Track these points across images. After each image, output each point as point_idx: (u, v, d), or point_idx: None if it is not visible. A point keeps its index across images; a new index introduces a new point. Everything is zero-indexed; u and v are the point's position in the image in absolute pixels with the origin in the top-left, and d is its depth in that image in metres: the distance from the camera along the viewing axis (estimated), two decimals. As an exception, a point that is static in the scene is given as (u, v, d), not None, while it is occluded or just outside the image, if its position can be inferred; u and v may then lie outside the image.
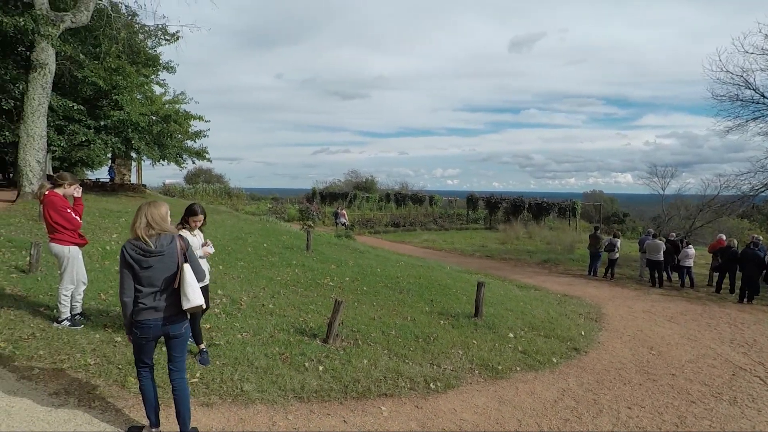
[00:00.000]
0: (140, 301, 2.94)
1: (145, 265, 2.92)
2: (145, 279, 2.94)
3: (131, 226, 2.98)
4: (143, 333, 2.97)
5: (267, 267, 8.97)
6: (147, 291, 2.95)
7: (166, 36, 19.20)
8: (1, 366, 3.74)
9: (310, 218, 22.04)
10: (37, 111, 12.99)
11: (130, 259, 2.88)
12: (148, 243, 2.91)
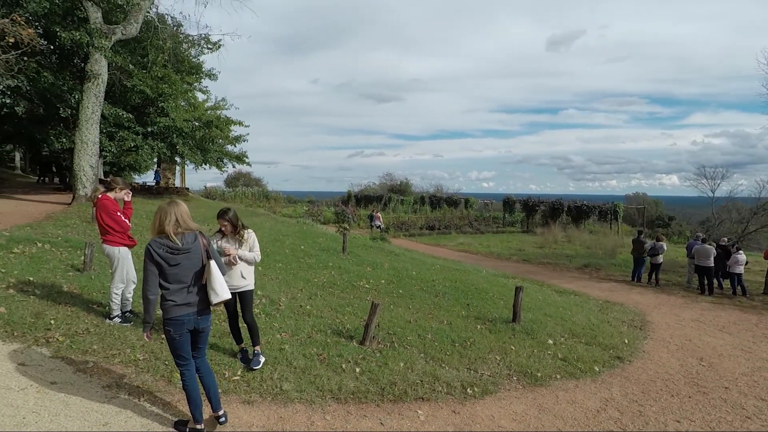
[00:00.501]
0: (170, 298, 3.03)
1: (173, 263, 3.01)
2: (173, 276, 3.02)
3: (156, 225, 3.03)
4: (177, 329, 3.08)
5: (304, 269, 9.12)
6: (175, 288, 3.03)
7: (209, 45, 19.95)
8: (59, 359, 3.97)
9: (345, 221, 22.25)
10: (90, 119, 13.76)
11: (158, 257, 2.96)
12: (175, 241, 3.01)
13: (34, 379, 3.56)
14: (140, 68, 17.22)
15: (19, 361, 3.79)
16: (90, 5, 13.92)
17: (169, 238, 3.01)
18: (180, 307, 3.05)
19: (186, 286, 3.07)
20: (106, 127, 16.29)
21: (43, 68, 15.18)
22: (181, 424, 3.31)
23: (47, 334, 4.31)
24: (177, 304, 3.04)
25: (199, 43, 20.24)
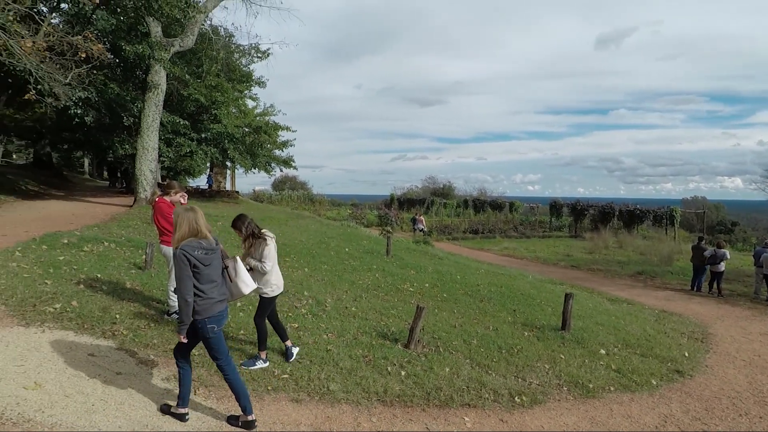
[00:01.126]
0: (209, 296, 3.15)
1: (207, 263, 3.15)
2: (206, 276, 3.15)
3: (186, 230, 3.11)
4: (220, 324, 3.25)
5: (349, 271, 9.24)
6: (209, 287, 3.17)
7: (258, 54, 20.68)
8: (123, 351, 4.24)
9: (388, 224, 22.35)
10: (151, 126, 14.61)
11: (195, 259, 3.07)
12: (212, 241, 3.21)
13: (102, 369, 3.81)
14: (195, 78, 18.11)
15: (89, 352, 4.07)
16: (151, 20, 14.80)
17: (205, 239, 3.17)
18: (220, 303, 3.23)
19: (217, 284, 3.25)
20: (164, 133, 17.23)
21: (110, 80, 16.32)
22: (233, 418, 3.44)
23: (113, 327, 4.61)
24: (217, 300, 3.20)
25: (249, 53, 21.04)
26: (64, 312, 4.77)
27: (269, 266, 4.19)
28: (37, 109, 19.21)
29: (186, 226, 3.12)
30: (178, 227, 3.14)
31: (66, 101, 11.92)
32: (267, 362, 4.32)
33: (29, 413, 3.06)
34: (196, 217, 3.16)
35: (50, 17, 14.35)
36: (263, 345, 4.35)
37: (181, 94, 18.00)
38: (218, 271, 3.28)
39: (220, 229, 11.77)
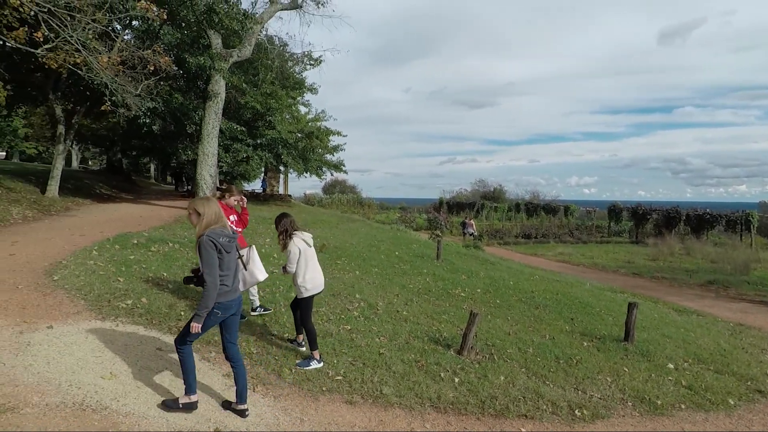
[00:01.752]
0: (225, 283, 3.23)
1: (228, 250, 3.23)
2: (225, 264, 3.23)
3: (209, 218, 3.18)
4: (225, 312, 3.30)
5: (399, 274, 9.24)
6: (226, 274, 3.25)
7: (311, 61, 21.22)
8: (188, 347, 4.45)
9: (438, 228, 22.18)
10: (211, 133, 15.36)
11: (221, 246, 3.15)
12: (231, 229, 3.30)
13: (169, 363, 4.02)
14: (252, 86, 18.87)
15: (157, 346, 4.31)
16: (212, 33, 15.59)
17: (226, 227, 3.26)
18: (232, 292, 3.31)
19: (233, 272, 3.34)
20: (223, 140, 18.07)
21: (174, 91, 17.34)
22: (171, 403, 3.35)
23: (178, 323, 4.86)
24: (229, 289, 3.28)
25: (302, 60, 21.64)
26: (135, 308, 5.09)
27: (290, 268, 4.35)
28: (110, 119, 20.74)
29: (212, 214, 3.22)
30: (204, 215, 3.20)
31: (136, 111, 12.76)
32: (321, 362, 4.39)
33: (106, 401, 3.28)
34: (214, 207, 3.28)
35: (123, 34, 15.48)
36: (314, 345, 4.40)
37: (239, 102, 18.81)
38: (234, 262, 3.39)
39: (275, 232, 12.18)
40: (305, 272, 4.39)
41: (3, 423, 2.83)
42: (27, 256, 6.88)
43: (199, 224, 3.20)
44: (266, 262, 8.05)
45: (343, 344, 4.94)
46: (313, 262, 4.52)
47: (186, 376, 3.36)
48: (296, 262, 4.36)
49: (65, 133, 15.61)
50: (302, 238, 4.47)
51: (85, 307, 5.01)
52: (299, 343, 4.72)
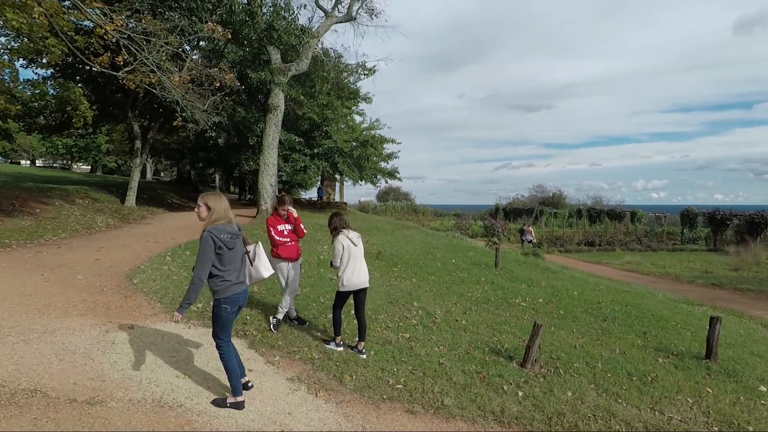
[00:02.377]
0: (228, 278, 3.32)
1: (231, 246, 3.32)
2: (228, 259, 3.32)
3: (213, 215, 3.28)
4: (233, 306, 3.39)
5: (456, 282, 9.10)
6: (229, 269, 3.33)
7: (365, 71, 21.60)
8: (253, 350, 4.62)
9: (494, 235, 21.66)
10: (271, 144, 16.01)
11: (221, 242, 3.22)
12: (234, 227, 3.38)
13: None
14: (308, 98, 19.49)
15: (226, 350, 4.51)
16: (272, 49, 16.30)
17: (231, 223, 3.36)
18: (236, 285, 3.39)
19: (236, 268, 3.42)
20: (282, 150, 18.77)
21: (237, 105, 18.27)
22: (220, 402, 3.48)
23: (244, 327, 5.06)
24: (234, 283, 3.37)
25: (356, 71, 22.09)
26: (205, 311, 5.37)
27: (335, 262, 4.70)
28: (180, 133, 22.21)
29: (221, 210, 3.34)
30: (213, 211, 3.32)
31: (204, 125, 13.56)
32: (340, 347, 4.78)
33: (181, 399, 3.47)
34: (223, 204, 3.37)
35: (192, 54, 16.56)
36: (337, 331, 4.81)
37: (296, 113, 19.48)
38: (239, 256, 3.46)
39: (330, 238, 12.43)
40: (346, 268, 4.67)
41: (93, 414, 3.07)
42: (110, 261, 7.48)
43: (207, 219, 3.32)
44: (324, 268, 8.24)
45: (402, 353, 4.92)
46: (355, 260, 4.72)
47: (230, 378, 3.46)
48: (340, 257, 4.66)
49: (141, 148, 16.90)
50: (348, 236, 4.72)
51: (162, 309, 5.36)
52: (360, 351, 4.78)
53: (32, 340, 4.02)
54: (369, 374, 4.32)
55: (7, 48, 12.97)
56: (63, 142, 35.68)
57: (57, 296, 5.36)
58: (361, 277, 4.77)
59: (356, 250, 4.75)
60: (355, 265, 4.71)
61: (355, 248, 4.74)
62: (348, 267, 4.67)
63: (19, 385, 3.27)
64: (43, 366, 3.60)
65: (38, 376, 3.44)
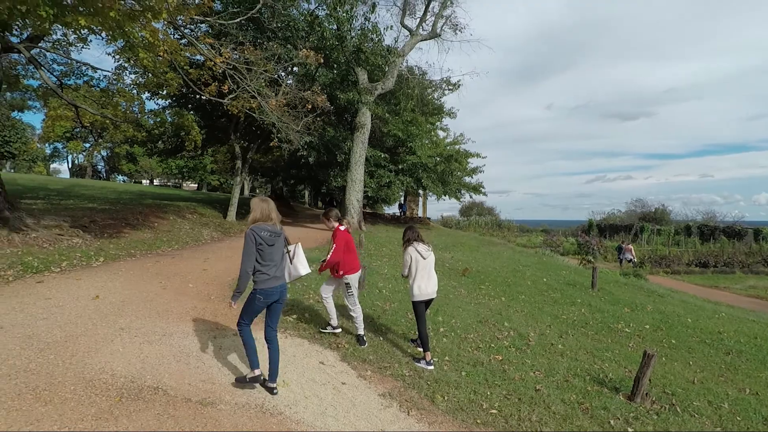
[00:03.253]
0: (266, 272, 3.69)
1: (271, 243, 3.70)
2: (268, 255, 3.69)
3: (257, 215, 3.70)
4: (267, 298, 3.75)
5: (549, 303, 8.61)
6: (268, 265, 3.70)
7: (449, 86, 21.60)
8: (345, 363, 4.72)
9: (589, 253, 20.23)
10: (358, 161, 16.55)
11: (260, 239, 3.63)
12: (278, 226, 3.79)
13: (330, 377, 4.30)
14: (393, 115, 19.91)
15: (320, 360, 4.66)
16: (359, 70, 16.97)
17: (273, 223, 3.75)
18: (273, 280, 3.74)
19: (276, 264, 3.77)
20: (368, 167, 19.31)
21: (326, 125, 19.18)
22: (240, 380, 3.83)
23: (336, 340, 5.20)
24: (270, 277, 3.72)
25: (440, 86, 22.20)
26: (300, 322, 5.61)
27: (403, 271, 4.92)
28: (275, 153, 23.78)
29: (259, 211, 3.74)
30: (252, 212, 3.75)
31: (297, 145, 14.39)
32: (431, 365, 4.76)
33: (281, 407, 3.63)
34: (269, 207, 3.77)
35: (286, 79, 17.76)
36: (425, 347, 4.82)
37: (382, 130, 19.97)
38: (279, 254, 3.81)
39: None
40: (414, 279, 4.83)
41: (206, 415, 3.31)
42: (216, 271, 8.14)
43: (250, 219, 3.76)
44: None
45: (495, 375, 4.72)
46: (424, 271, 4.84)
47: (247, 354, 3.84)
48: (408, 267, 4.87)
49: (241, 167, 18.35)
50: (416, 249, 4.87)
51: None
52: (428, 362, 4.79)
53: (154, 341, 4.47)
54: (461, 396, 4.20)
55: (136, 83, 14.92)
56: (176, 164, 40.07)
57: (173, 302, 5.94)
58: (431, 287, 4.87)
59: (425, 262, 4.87)
60: (423, 275, 4.84)
61: (424, 260, 4.86)
62: (417, 278, 4.82)
63: (144, 382, 3.64)
64: (164, 366, 3.97)
65: (159, 375, 3.81)
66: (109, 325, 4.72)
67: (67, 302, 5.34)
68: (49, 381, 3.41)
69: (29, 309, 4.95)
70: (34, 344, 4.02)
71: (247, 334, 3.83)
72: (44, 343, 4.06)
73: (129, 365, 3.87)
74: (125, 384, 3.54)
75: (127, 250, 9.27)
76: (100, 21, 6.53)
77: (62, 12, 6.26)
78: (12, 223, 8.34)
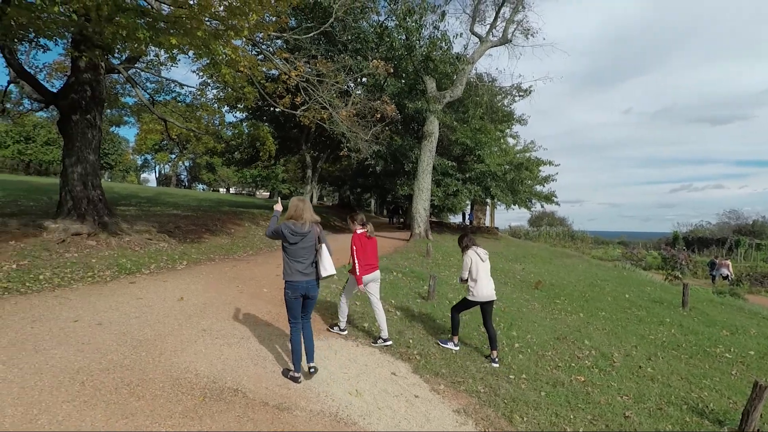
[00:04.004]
0: (291, 268, 4.00)
1: (293, 241, 3.98)
2: (292, 252, 4.00)
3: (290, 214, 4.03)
4: (293, 292, 4.01)
5: (634, 322, 7.94)
6: (293, 260, 4.01)
7: (520, 92, 20.95)
8: (417, 375, 4.61)
9: (676, 268, 18.55)
10: (425, 170, 16.45)
11: (283, 234, 3.98)
12: (299, 226, 3.99)
13: (403, 389, 4.21)
14: (461, 123, 19.63)
15: (392, 371, 4.59)
16: (428, 78, 16.93)
17: (300, 224, 4.00)
18: (297, 274, 4.00)
19: (302, 260, 4.03)
20: (435, 176, 19.16)
21: (394, 134, 19.33)
22: (285, 372, 4.12)
23: (407, 351, 5.11)
24: (293, 271, 4.00)
25: (510, 92, 21.58)
26: (371, 331, 5.59)
27: (464, 275, 5.14)
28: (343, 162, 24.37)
29: (293, 210, 4.06)
30: (288, 209, 4.12)
31: (365, 154, 14.60)
32: (457, 347, 5.29)
33: (354, 417, 3.59)
34: (303, 207, 4.06)
35: (356, 90, 18.16)
36: (455, 331, 5.34)
37: (449, 138, 19.76)
38: (304, 252, 4.05)
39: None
40: (475, 280, 5.08)
41: (282, 420, 3.35)
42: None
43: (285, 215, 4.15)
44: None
45: (578, 398, 4.39)
46: (483, 274, 5.09)
47: (292, 353, 4.13)
48: (468, 270, 5.11)
49: (311, 176, 18.96)
50: (476, 252, 5.15)
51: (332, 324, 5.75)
52: (493, 359, 5.05)
53: (233, 344, 4.65)
54: (542, 417, 3.93)
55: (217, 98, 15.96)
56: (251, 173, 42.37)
57: (249, 306, 6.17)
58: (490, 290, 5.11)
59: (484, 266, 5.12)
60: (482, 278, 5.07)
61: (483, 263, 5.12)
62: (476, 280, 5.07)
63: (225, 383, 3.78)
64: (242, 368, 4.10)
65: (239, 377, 3.93)
66: (193, 326, 4.99)
67: (155, 302, 5.72)
68: (142, 377, 3.63)
69: (123, 308, 5.36)
70: (128, 341, 4.33)
71: (293, 334, 4.13)
72: (137, 341, 4.36)
73: (211, 366, 4.04)
74: (208, 384, 3.69)
75: (207, 255, 9.84)
76: (188, 40, 7.03)
77: (156, 34, 6.83)
78: (110, 228, 9.17)
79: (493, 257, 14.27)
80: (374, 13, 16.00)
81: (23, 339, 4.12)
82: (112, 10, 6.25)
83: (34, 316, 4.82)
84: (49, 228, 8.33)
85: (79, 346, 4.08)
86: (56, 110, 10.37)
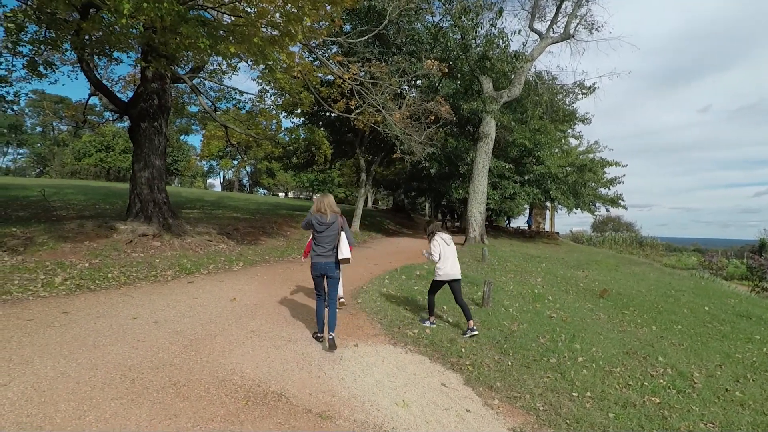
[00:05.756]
0: (315, 250, 4.84)
1: (319, 230, 4.82)
2: (319, 239, 4.82)
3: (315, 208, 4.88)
4: (315, 271, 4.83)
5: (716, 338, 7.12)
6: (318, 246, 4.83)
7: (583, 90, 19.85)
8: (469, 387, 4.32)
9: (764, 278, 16.68)
10: (481, 172, 15.96)
11: (312, 223, 4.85)
12: (326, 216, 4.81)
13: (454, 402, 3.95)
14: (519, 123, 18.89)
15: (442, 381, 4.34)
16: (484, 78, 16.45)
17: (323, 215, 4.81)
18: (318, 257, 4.82)
19: (324, 245, 4.82)
20: (491, 178, 18.57)
21: (448, 136, 18.96)
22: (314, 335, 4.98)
23: (459, 360, 4.83)
24: (317, 254, 4.83)
25: (573, 91, 20.51)
26: (420, 338, 5.37)
27: (435, 257, 5.75)
28: (397, 165, 24.28)
29: (316, 205, 4.89)
30: (313, 204, 4.93)
31: (419, 157, 14.42)
32: (434, 324, 5.89)
33: (400, 429, 3.39)
34: (328, 201, 4.89)
35: (410, 92, 18.02)
36: (431, 312, 5.99)
37: (507, 140, 19.08)
38: (329, 240, 4.83)
39: (545, 271, 11.43)
40: (441, 262, 5.76)
41: (325, 428, 3.22)
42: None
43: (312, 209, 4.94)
44: (541, 304, 7.52)
45: (653, 422, 3.91)
46: (448, 255, 5.80)
47: (317, 321, 4.95)
48: (438, 253, 5.74)
49: (365, 179, 19.01)
50: (442, 237, 5.86)
51: (381, 330, 5.59)
52: (471, 329, 5.61)
53: (280, 346, 4.61)
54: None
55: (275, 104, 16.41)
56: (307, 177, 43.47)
57: (299, 308, 6.16)
58: (455, 269, 5.82)
59: (449, 249, 5.83)
60: (447, 259, 5.75)
61: (448, 247, 5.83)
62: (442, 261, 5.74)
63: (269, 387, 3.71)
64: (287, 372, 4.03)
65: (283, 381, 3.86)
66: (242, 327, 5.02)
67: (209, 302, 5.85)
68: (189, 377, 3.65)
69: (179, 306, 5.51)
70: (180, 340, 4.41)
71: (318, 305, 4.96)
72: (188, 340, 4.43)
73: (257, 368, 4.01)
74: (252, 387, 3.65)
75: (262, 256, 10.05)
76: (245, 47, 7.22)
77: (216, 42, 7.06)
78: (174, 230, 9.61)
79: (553, 263, 13.56)
80: (428, 13, 15.79)
81: (85, 334, 4.31)
82: (176, 20, 6.53)
83: (98, 312, 5.06)
84: (119, 229, 8.86)
85: (134, 343, 4.20)
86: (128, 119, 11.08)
